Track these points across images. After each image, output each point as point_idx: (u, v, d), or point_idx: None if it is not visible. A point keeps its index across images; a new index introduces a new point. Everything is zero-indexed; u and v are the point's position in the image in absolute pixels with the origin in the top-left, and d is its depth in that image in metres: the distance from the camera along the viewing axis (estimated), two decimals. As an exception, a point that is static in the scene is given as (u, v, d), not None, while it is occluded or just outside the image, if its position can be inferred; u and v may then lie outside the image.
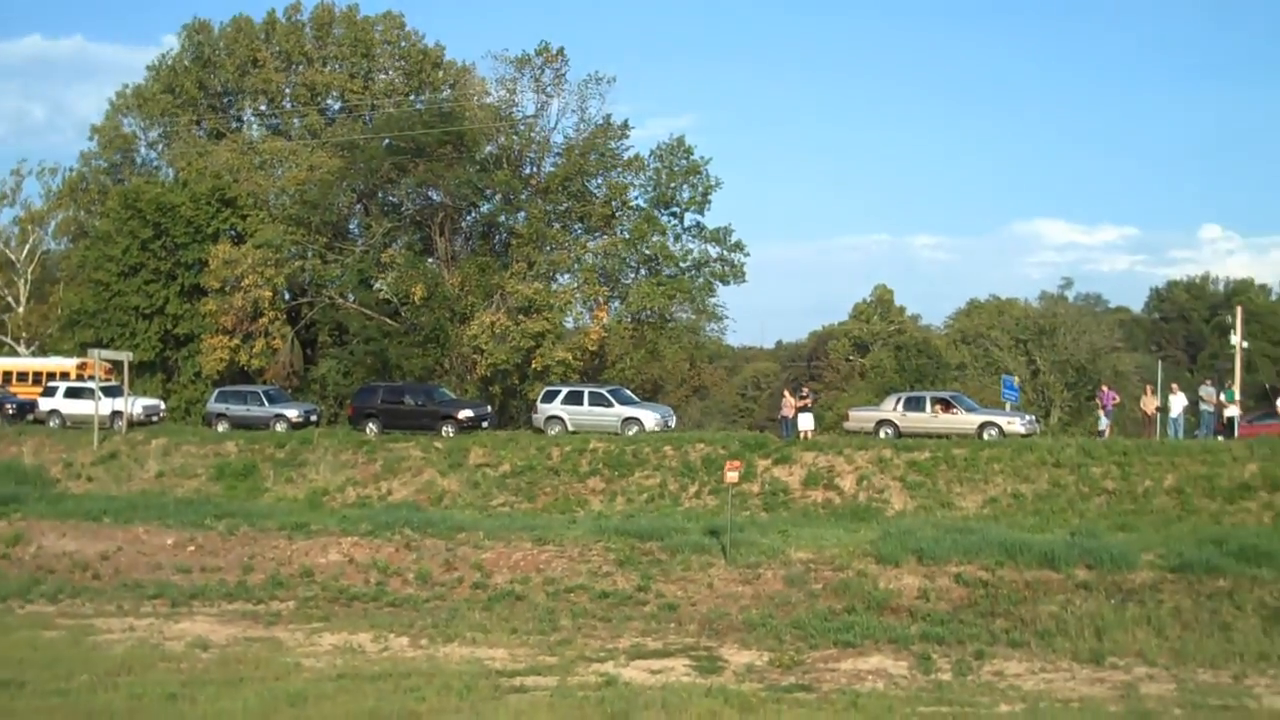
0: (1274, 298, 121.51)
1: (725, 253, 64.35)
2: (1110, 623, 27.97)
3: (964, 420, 47.53)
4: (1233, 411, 49.20)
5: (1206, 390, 49.51)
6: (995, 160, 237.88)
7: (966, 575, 31.32)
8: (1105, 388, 52.86)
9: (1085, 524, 37.05)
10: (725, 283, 64.81)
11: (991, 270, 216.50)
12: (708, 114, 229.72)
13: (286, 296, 64.65)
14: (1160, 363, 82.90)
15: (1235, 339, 63.63)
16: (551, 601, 33.36)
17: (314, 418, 55.10)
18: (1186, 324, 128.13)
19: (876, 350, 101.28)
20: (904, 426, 47.52)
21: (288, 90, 71.85)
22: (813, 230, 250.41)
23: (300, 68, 71.81)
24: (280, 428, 53.03)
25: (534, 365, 58.78)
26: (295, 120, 71.22)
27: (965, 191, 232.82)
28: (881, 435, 47.21)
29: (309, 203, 62.63)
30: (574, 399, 51.16)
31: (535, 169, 64.94)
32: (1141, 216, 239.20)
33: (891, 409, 48.87)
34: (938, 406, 48.24)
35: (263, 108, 72.90)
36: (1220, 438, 46.50)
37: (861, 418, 49.93)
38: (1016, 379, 62.95)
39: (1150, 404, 50.91)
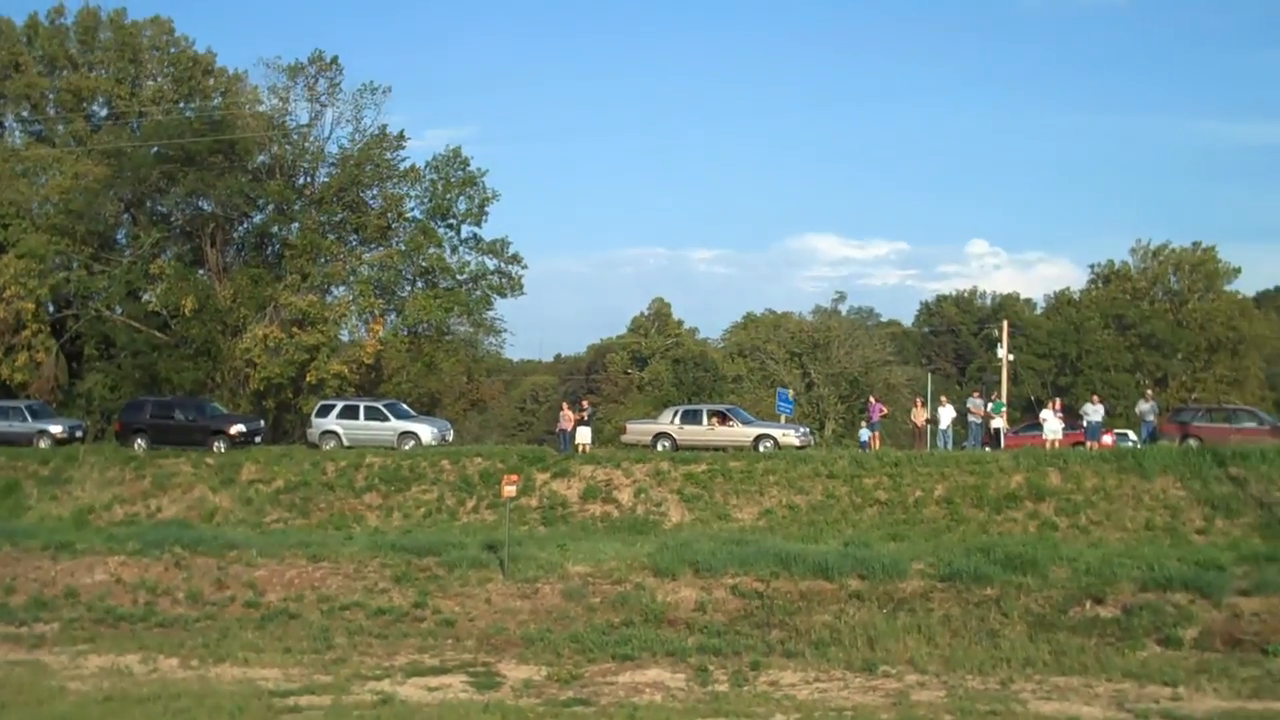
0: (1038, 312, 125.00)
1: (503, 265, 64.28)
2: (882, 631, 28.40)
3: (740, 433, 48.04)
4: (999, 423, 50.48)
5: (974, 402, 50.71)
6: (771, 176, 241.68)
7: (742, 587, 31.56)
8: (874, 400, 53.83)
9: (858, 534, 37.64)
10: (503, 295, 64.74)
11: (768, 284, 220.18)
12: (487, 126, 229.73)
13: (50, 308, 62.48)
14: (930, 375, 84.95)
15: (1001, 352, 65.53)
16: (326, 619, 32.79)
17: (79, 433, 53.23)
18: (955, 337, 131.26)
19: (654, 363, 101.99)
20: (681, 439, 47.82)
21: (51, 96, 69.22)
22: (592, 244, 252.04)
23: (65, 73, 69.36)
24: (44, 444, 51.11)
25: (308, 379, 57.89)
26: (59, 126, 68.77)
27: (742, 207, 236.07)
28: (659, 448, 47.45)
29: (74, 212, 60.63)
30: (349, 413, 50.36)
31: (309, 179, 63.93)
32: (912, 232, 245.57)
33: (669, 422, 49.17)
34: (714, 419, 48.67)
35: (25, 114, 70.25)
36: (987, 449, 47.65)
37: (639, 431, 50.16)
38: (791, 392, 63.94)
39: (920, 416, 52.01)
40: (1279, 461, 41.05)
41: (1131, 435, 54.66)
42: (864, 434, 51.02)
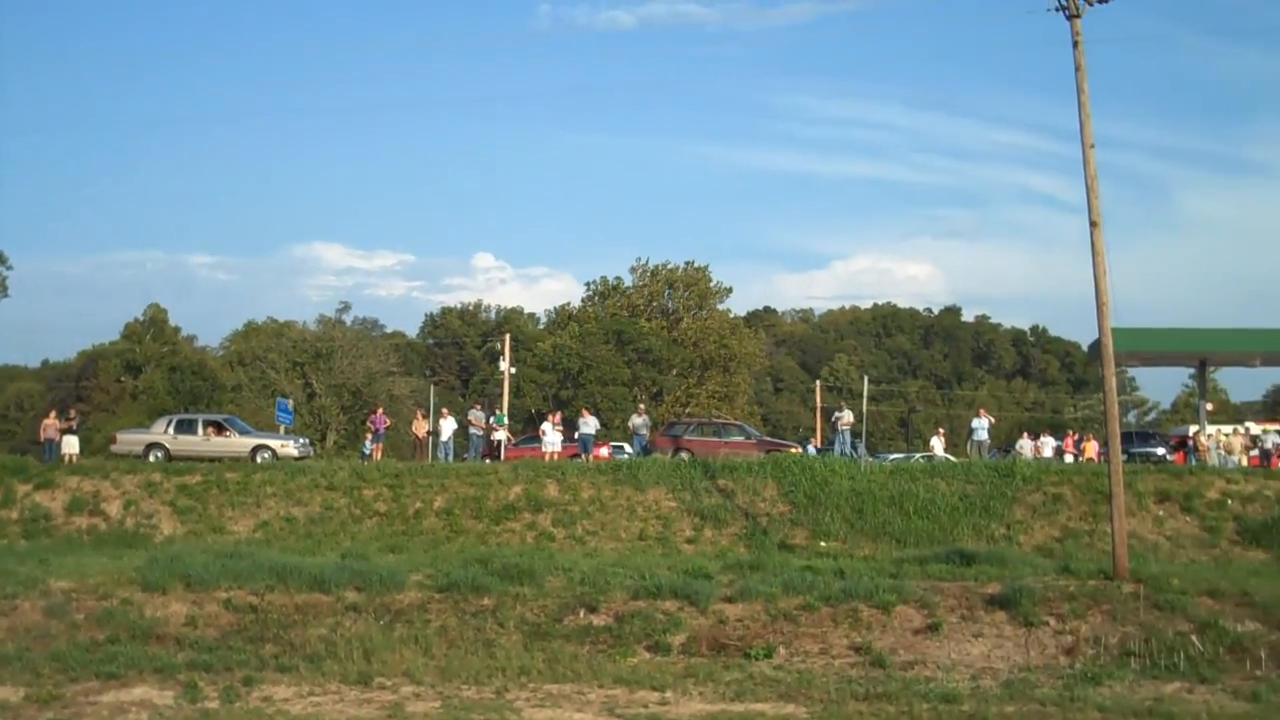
0: (541, 326, 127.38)
1: (-15, 266, 61.15)
2: (379, 644, 28.08)
3: (237, 443, 47.25)
4: (501, 435, 51.07)
5: (476, 414, 51.23)
6: (276, 181, 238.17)
7: (236, 600, 30.68)
8: (378, 411, 53.61)
9: (357, 546, 37.23)
10: (-15, 297, 61.59)
11: (272, 292, 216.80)
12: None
13: None
14: (433, 387, 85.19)
15: (504, 365, 66.30)
16: None
17: None
18: (460, 350, 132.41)
19: (149, 371, 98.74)
20: (175, 449, 46.65)
21: None
22: (86, 245, 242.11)
23: None
24: None
25: None
26: None
27: (246, 211, 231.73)
28: (151, 459, 46.07)
29: None
30: None
31: None
32: (419, 244, 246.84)
33: (162, 432, 47.93)
34: (210, 429, 47.72)
35: None
36: (488, 460, 48.13)
37: (130, 440, 48.62)
38: (291, 402, 63.06)
39: (422, 428, 52.07)
40: (764, 474, 43.05)
41: (627, 448, 56.26)
42: (368, 445, 50.84)
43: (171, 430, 47.77)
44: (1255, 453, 54.59)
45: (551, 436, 49.02)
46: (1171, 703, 21.89)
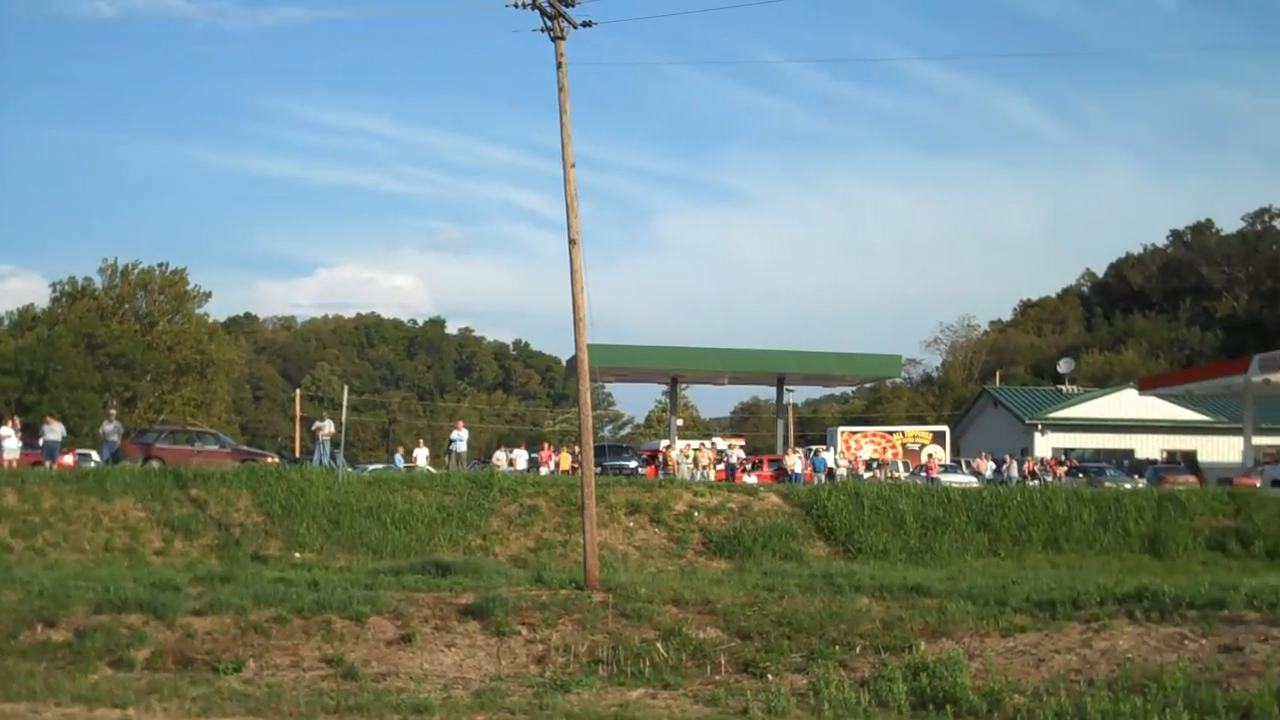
0: (4, 327, 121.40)
1: None
2: None
3: None
4: None
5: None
6: None
7: None
8: None
9: None
10: None
11: None
12: None
13: None
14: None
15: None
16: None
17: None
18: None
19: None
20: None
21: None
22: None
23: None
24: None
25: None
26: None
27: None
28: None
29: None
30: None
31: None
32: None
33: None
34: None
35: None
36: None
37: None
38: None
39: None
40: (238, 484, 42.30)
41: (95, 455, 54.27)
42: None
43: None
44: (721, 466, 57.19)
45: (12, 443, 46.77)
46: (636, 708, 22.51)
